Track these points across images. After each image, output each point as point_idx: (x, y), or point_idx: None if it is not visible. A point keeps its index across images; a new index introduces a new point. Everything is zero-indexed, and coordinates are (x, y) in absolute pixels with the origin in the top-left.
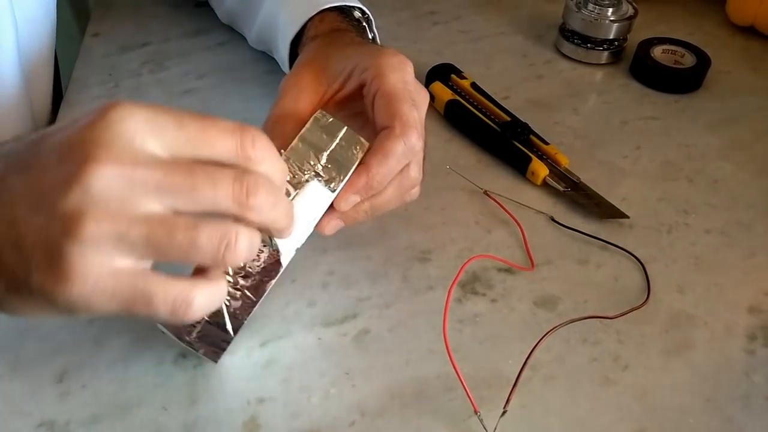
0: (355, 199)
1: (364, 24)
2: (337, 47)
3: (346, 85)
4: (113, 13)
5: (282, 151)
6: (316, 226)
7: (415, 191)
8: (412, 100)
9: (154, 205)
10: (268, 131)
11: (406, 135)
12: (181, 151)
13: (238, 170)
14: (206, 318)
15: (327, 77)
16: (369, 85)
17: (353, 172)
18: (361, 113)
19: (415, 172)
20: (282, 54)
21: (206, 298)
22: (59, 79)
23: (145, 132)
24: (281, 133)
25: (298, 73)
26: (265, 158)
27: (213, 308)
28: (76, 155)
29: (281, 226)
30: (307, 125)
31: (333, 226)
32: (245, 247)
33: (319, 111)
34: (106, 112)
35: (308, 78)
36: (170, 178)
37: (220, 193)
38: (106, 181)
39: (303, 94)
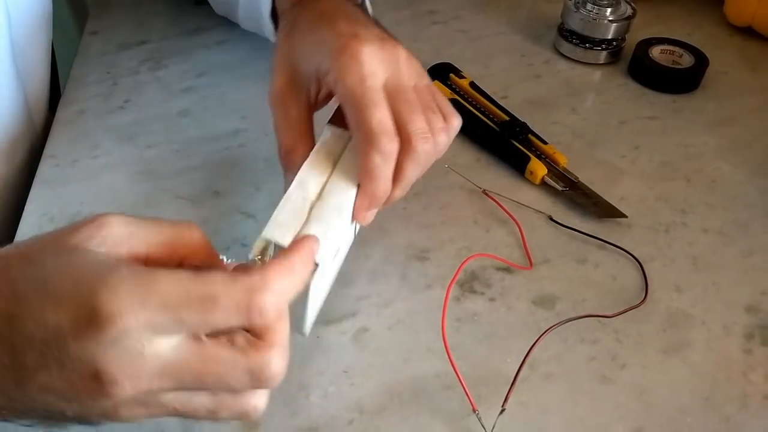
0: (374, 212)
1: None
2: (297, 41)
3: (321, 87)
4: (112, 11)
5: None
6: (354, 217)
7: (435, 150)
8: (373, 93)
9: (173, 396)
10: (285, 163)
11: (374, 145)
12: (191, 333)
13: (248, 362)
14: None
15: (301, 84)
16: (335, 92)
17: (359, 192)
18: None
19: (420, 143)
20: (267, 27)
21: (259, 411)
22: (57, 77)
23: (147, 339)
24: (295, 162)
25: (273, 86)
26: (273, 316)
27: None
28: (93, 381)
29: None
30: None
31: (371, 215)
32: (261, 408)
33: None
34: (103, 328)
35: (284, 92)
36: (181, 382)
37: (232, 387)
38: (129, 395)
39: (290, 110)
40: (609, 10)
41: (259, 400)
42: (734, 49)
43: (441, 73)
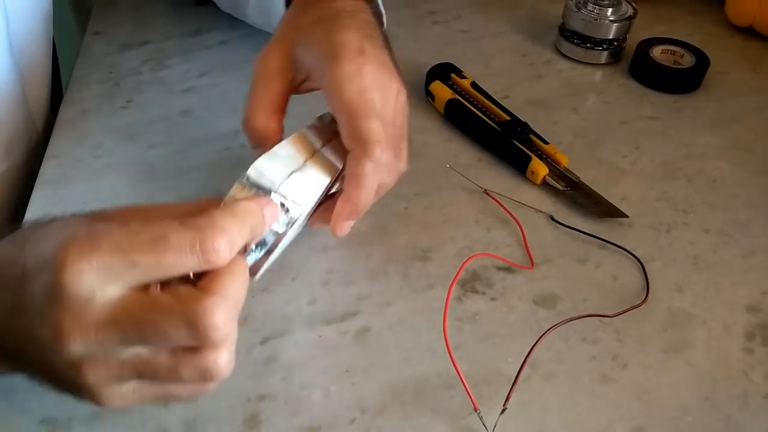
0: (350, 223)
1: None
2: (308, 27)
3: (310, 80)
4: (114, 12)
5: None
6: (331, 227)
7: (394, 178)
8: (371, 107)
9: (131, 350)
10: (247, 131)
11: (369, 154)
12: (145, 282)
13: (184, 310)
14: None
15: (293, 65)
16: (327, 96)
17: (340, 199)
18: None
19: (401, 161)
20: (278, 11)
21: (225, 369)
22: (59, 78)
23: (100, 285)
24: (256, 130)
25: (265, 56)
26: (227, 256)
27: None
28: (52, 324)
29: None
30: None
31: (347, 226)
32: (226, 368)
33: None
34: (59, 274)
35: (274, 64)
36: (132, 332)
37: (182, 334)
38: (81, 346)
39: (272, 82)
40: (610, 10)
41: (219, 355)
42: (735, 49)
43: (442, 73)
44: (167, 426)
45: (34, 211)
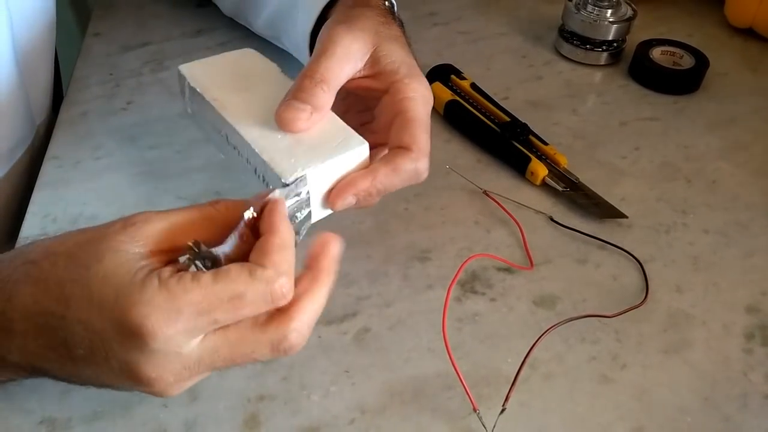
0: (352, 200)
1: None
2: (388, 36)
3: (373, 78)
4: (114, 13)
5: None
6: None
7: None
8: (429, 124)
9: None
10: (307, 87)
11: (419, 160)
12: (220, 338)
13: (273, 339)
14: None
15: (369, 59)
16: (395, 100)
17: (360, 174)
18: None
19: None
20: (299, 34)
21: (303, 335)
22: (60, 79)
23: (187, 342)
24: (324, 94)
25: (354, 35)
26: (294, 319)
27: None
28: (142, 379)
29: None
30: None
31: (347, 201)
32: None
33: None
34: (148, 343)
35: (361, 48)
36: (215, 365)
37: (260, 359)
38: (171, 383)
39: (350, 63)
40: (610, 11)
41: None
42: (735, 50)
43: (442, 74)
44: (167, 426)
45: (34, 212)
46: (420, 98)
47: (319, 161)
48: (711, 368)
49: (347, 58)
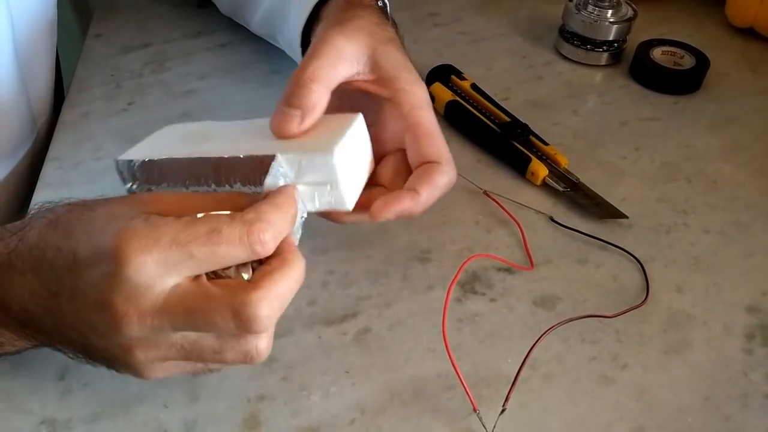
0: (392, 216)
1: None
2: (383, 38)
3: (376, 83)
4: (115, 14)
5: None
6: (378, 210)
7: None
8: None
9: (180, 337)
10: (296, 89)
11: (451, 171)
12: (199, 272)
13: (232, 300)
14: None
15: (367, 61)
16: (403, 111)
17: (406, 194)
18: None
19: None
20: (291, 31)
21: (264, 353)
22: (61, 80)
23: (160, 276)
24: (314, 95)
25: (345, 36)
26: (272, 247)
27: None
28: (110, 311)
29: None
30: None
31: (387, 217)
32: (265, 352)
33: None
34: (121, 266)
35: (353, 49)
36: (186, 320)
37: (229, 324)
38: (137, 330)
39: (343, 63)
40: (610, 11)
41: (260, 341)
42: (735, 50)
43: (442, 74)
44: (167, 426)
45: None
46: (426, 105)
47: (334, 142)
48: (711, 368)
49: (340, 59)
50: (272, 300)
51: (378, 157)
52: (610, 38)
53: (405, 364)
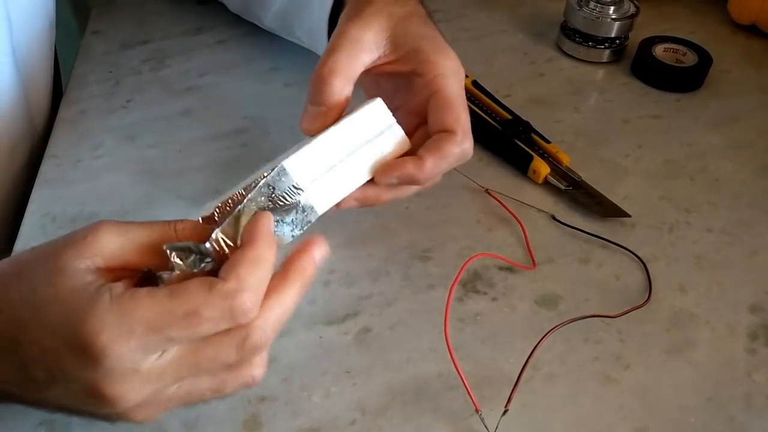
0: (395, 181)
1: None
2: (401, 15)
3: (399, 61)
4: (113, 11)
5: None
6: (382, 174)
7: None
8: (465, 102)
9: (178, 388)
10: (317, 85)
11: (465, 141)
12: (180, 346)
13: (236, 338)
14: None
15: (388, 45)
16: (426, 81)
17: (407, 159)
18: (381, 82)
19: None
20: (315, 21)
21: (260, 378)
22: (59, 77)
23: (143, 358)
24: (334, 89)
25: (361, 24)
26: (256, 312)
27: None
28: (103, 397)
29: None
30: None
31: (349, 205)
32: (261, 375)
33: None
34: (100, 361)
35: (371, 36)
36: (181, 375)
37: (228, 363)
38: (133, 402)
39: (362, 52)
40: (612, 8)
41: (255, 370)
42: (738, 47)
43: None
44: (167, 427)
45: (34, 210)
46: (451, 73)
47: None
48: (714, 368)
49: (359, 48)
50: (269, 326)
51: (412, 132)
52: (612, 35)
53: (406, 364)
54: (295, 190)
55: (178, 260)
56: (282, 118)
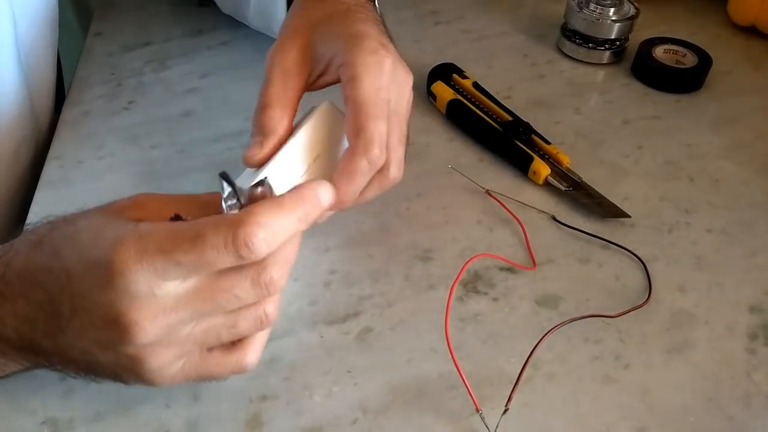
0: (328, 212)
1: None
2: (322, 21)
3: (327, 72)
4: (115, 13)
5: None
6: None
7: (397, 180)
8: (384, 106)
9: (194, 327)
10: (256, 118)
11: (367, 152)
12: (192, 277)
13: (251, 273)
14: None
15: (311, 59)
16: (344, 85)
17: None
18: None
19: (394, 171)
20: (281, 16)
21: (255, 357)
22: (62, 79)
23: (155, 282)
24: (270, 120)
25: (282, 50)
26: (264, 249)
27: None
28: (118, 324)
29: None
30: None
31: (326, 215)
32: (274, 314)
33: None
34: (116, 278)
35: (293, 59)
36: (197, 309)
37: (242, 299)
38: (150, 335)
39: (290, 78)
40: (612, 9)
41: (268, 306)
42: (738, 48)
43: (444, 73)
44: (169, 426)
45: (36, 212)
46: (364, 71)
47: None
48: (714, 368)
49: (285, 76)
50: (281, 265)
51: None
52: (613, 36)
53: (407, 364)
54: None
55: (226, 186)
56: None
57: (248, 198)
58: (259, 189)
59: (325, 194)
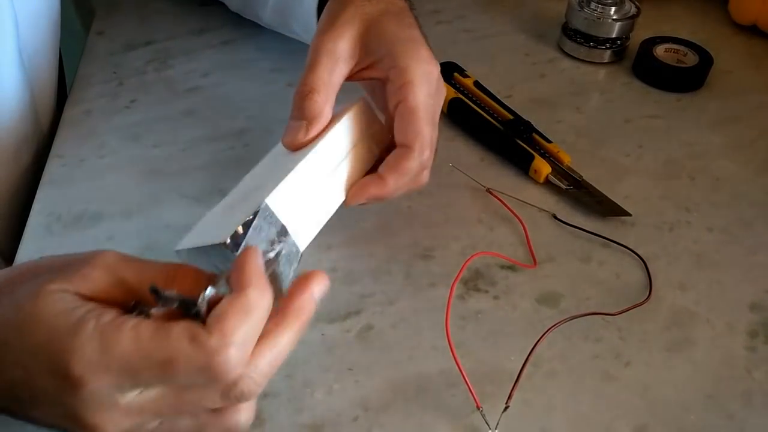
0: (363, 201)
1: None
2: (376, 17)
3: (372, 67)
4: (117, 11)
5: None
6: (349, 197)
7: (425, 184)
8: (433, 113)
9: (160, 424)
10: (298, 102)
11: (422, 154)
12: (162, 387)
13: (221, 387)
14: None
15: (362, 51)
16: (395, 88)
17: (373, 179)
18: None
19: (426, 175)
20: (307, 15)
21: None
22: (64, 77)
23: (119, 393)
24: (315, 105)
25: (334, 37)
26: (240, 371)
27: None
28: (83, 424)
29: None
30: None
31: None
32: (247, 423)
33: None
34: (79, 390)
35: (345, 46)
36: (162, 414)
37: (212, 407)
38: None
39: (339, 64)
40: (613, 8)
41: (241, 415)
42: (739, 47)
43: (445, 72)
44: None
45: (39, 210)
46: (419, 80)
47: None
48: (714, 366)
49: (335, 61)
50: (261, 374)
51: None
52: (613, 36)
53: (408, 362)
54: (283, 232)
55: (160, 305)
56: (284, 119)
57: (207, 304)
58: (213, 292)
59: (319, 289)
